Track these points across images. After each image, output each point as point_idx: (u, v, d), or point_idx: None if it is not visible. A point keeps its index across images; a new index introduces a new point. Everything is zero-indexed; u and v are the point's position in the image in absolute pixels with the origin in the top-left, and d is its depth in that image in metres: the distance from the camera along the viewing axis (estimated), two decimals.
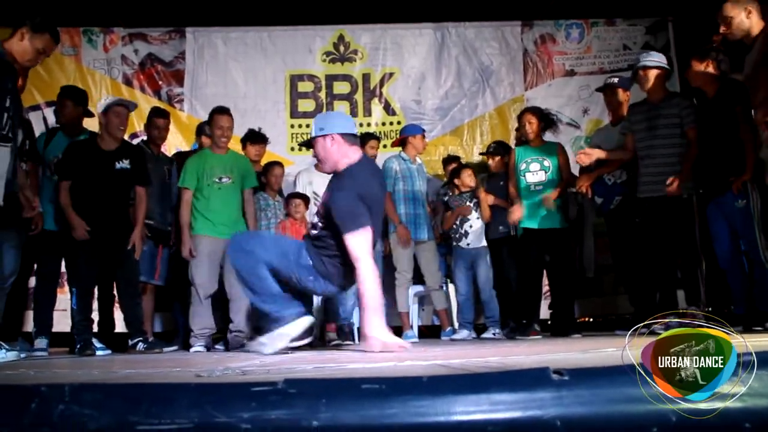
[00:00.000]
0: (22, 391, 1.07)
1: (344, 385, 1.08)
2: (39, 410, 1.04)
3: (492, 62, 7.59)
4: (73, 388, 1.05)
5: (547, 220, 5.44)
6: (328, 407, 1.02)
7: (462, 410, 1.04)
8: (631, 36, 7.63)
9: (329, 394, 1.04)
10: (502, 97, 7.58)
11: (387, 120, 7.47)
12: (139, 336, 4.98)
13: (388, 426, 1.01)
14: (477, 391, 1.06)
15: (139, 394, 1.05)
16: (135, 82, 7.27)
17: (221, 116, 5.28)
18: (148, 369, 2.33)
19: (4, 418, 1.03)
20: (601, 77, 6.98)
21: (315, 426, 1.00)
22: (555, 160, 5.53)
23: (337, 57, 7.52)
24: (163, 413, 1.02)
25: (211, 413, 1.01)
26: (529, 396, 1.06)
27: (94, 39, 7.26)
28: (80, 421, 1.02)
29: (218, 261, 5.10)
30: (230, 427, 1.01)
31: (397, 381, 1.08)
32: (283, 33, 7.52)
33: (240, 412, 1.01)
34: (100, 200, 4.87)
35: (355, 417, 1.02)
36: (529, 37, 7.65)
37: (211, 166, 5.19)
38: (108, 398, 1.04)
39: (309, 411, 1.02)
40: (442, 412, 1.03)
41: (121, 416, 1.03)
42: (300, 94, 7.45)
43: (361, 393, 1.05)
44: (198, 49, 7.35)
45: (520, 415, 1.04)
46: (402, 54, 7.58)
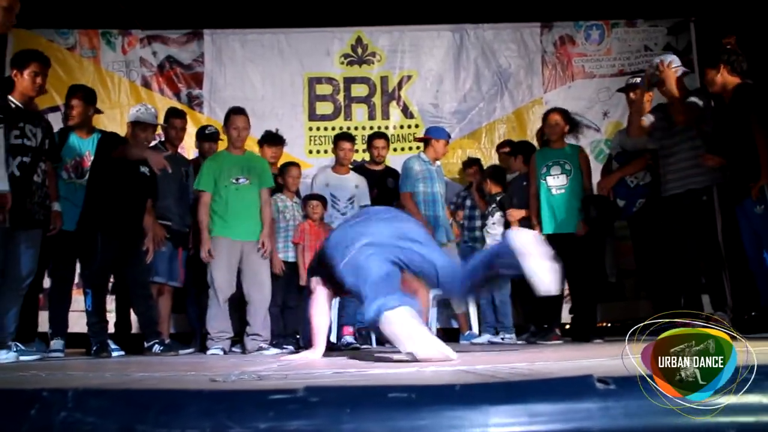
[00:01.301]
0: (22, 395, 1.00)
1: (370, 393, 1.00)
2: (39, 416, 0.97)
3: (510, 64, 7.50)
4: (76, 394, 0.98)
5: (568, 224, 5.34)
6: (353, 417, 0.94)
7: (498, 422, 0.95)
8: (652, 37, 7.50)
9: (354, 403, 0.96)
10: (521, 100, 7.49)
11: (405, 123, 7.40)
12: (154, 338, 4.93)
13: None
14: (514, 401, 0.97)
15: (146, 400, 0.98)
16: (154, 84, 7.26)
17: (237, 116, 5.26)
18: (163, 372, 2.26)
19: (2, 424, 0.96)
20: (621, 79, 6.87)
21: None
22: (577, 163, 5.43)
23: (355, 59, 7.46)
24: (172, 422, 0.94)
25: (224, 423, 0.93)
26: (572, 407, 0.97)
27: (113, 41, 7.26)
28: (83, 429, 0.95)
29: (236, 263, 5.05)
30: None
31: (427, 389, 0.99)
32: (301, 35, 7.47)
33: (256, 421, 0.93)
34: (123, 202, 4.86)
35: (382, 428, 0.93)
36: (548, 38, 7.55)
37: (228, 167, 5.15)
38: (114, 405, 0.97)
39: (332, 421, 0.94)
40: (477, 423, 0.94)
41: (128, 424, 0.95)
42: (318, 96, 7.40)
43: (388, 402, 0.96)
44: (216, 52, 7.33)
45: (563, 427, 0.96)
46: (420, 56, 7.51)
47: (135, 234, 4.97)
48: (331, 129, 7.15)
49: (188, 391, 1.02)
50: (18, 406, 0.98)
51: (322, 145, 7.15)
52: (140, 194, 5.03)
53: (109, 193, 4.82)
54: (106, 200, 4.81)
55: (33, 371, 2.46)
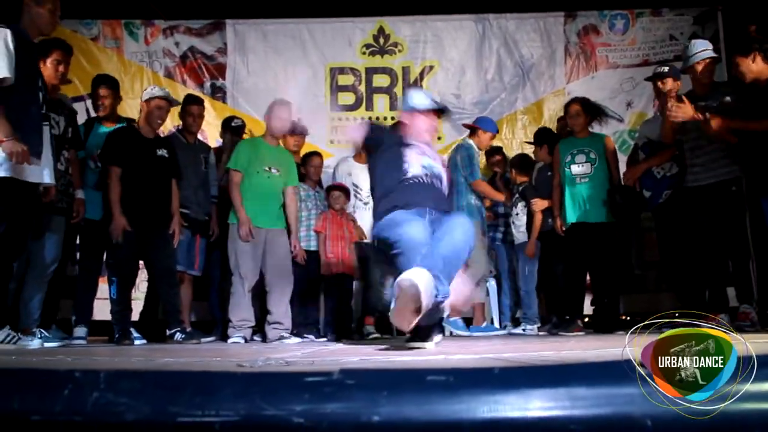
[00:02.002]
0: (55, 376, 0.99)
1: (407, 376, 0.98)
2: (72, 397, 0.96)
3: (533, 54, 7.44)
4: (108, 375, 0.97)
5: (593, 213, 5.29)
6: (390, 401, 0.92)
7: (540, 406, 0.93)
8: (678, 26, 7.39)
9: (391, 386, 0.94)
10: (543, 91, 7.43)
11: None
12: (176, 326, 4.93)
13: (457, 422, 0.91)
14: (556, 385, 0.95)
15: (180, 382, 0.97)
16: (177, 75, 7.29)
17: (282, 107, 5.25)
18: (188, 358, 2.26)
19: (34, 404, 0.96)
20: (645, 69, 6.79)
21: (376, 421, 0.90)
22: (601, 152, 5.38)
23: (377, 49, 7.43)
24: (206, 404, 0.93)
25: (259, 405, 0.92)
26: (615, 392, 0.95)
27: (136, 31, 7.29)
28: (116, 410, 0.94)
29: (261, 249, 5.05)
30: (281, 421, 0.91)
31: (466, 372, 0.97)
32: (323, 25, 7.46)
33: (292, 404, 0.92)
34: (143, 187, 4.85)
35: (420, 411, 0.91)
36: (572, 28, 7.47)
37: (263, 155, 5.15)
38: (146, 387, 0.96)
39: (369, 404, 0.92)
40: (518, 406, 0.93)
41: (161, 406, 0.94)
42: (340, 87, 7.39)
43: (427, 385, 0.94)
44: (238, 42, 7.34)
45: (606, 411, 0.93)
46: (442, 46, 7.47)
47: (161, 219, 4.95)
48: (353, 119, 7.14)
49: (222, 373, 1.01)
50: (50, 387, 0.97)
51: (344, 135, 7.13)
52: (161, 178, 4.99)
53: (128, 181, 4.82)
54: (125, 189, 4.81)
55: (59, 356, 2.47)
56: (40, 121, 3.82)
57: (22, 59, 3.65)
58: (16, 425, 0.94)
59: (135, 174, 4.83)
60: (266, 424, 0.91)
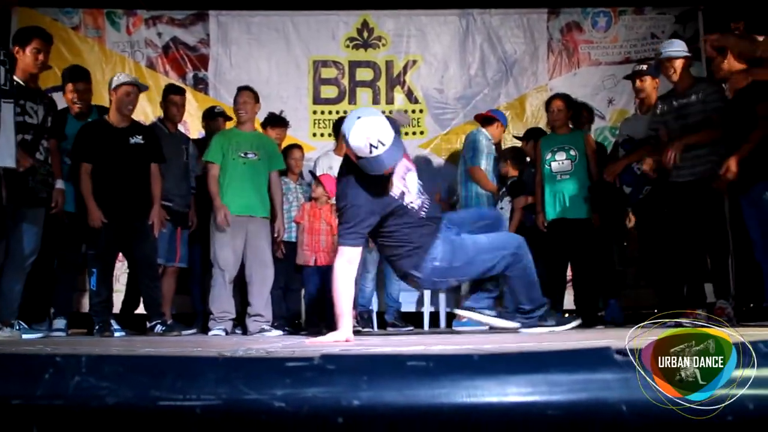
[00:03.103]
0: (36, 360, 0.99)
1: (388, 361, 0.99)
2: (53, 381, 0.96)
3: (516, 51, 7.46)
4: (90, 359, 0.97)
5: (573, 209, 5.33)
6: (371, 385, 0.93)
7: (518, 391, 0.95)
8: (660, 25, 7.44)
9: (371, 371, 0.95)
10: (525, 87, 7.45)
11: (409, 108, 7.36)
12: (157, 318, 4.92)
13: (437, 406, 0.92)
14: (534, 371, 0.96)
15: (162, 367, 0.97)
16: (159, 65, 7.22)
17: (244, 92, 5.33)
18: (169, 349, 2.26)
19: (16, 389, 0.96)
20: (627, 67, 6.82)
21: (356, 405, 0.91)
22: (582, 149, 5.42)
23: (361, 43, 7.42)
24: (188, 388, 0.94)
25: (241, 389, 0.93)
26: (592, 377, 0.97)
27: (117, 21, 7.21)
28: (97, 394, 0.94)
29: (242, 242, 5.03)
30: (262, 405, 0.92)
31: (446, 358, 0.98)
32: (307, 18, 7.42)
33: (273, 388, 0.93)
34: (118, 178, 4.82)
35: (400, 396, 0.93)
36: (555, 25, 7.50)
37: (237, 142, 5.15)
38: (128, 371, 0.96)
39: (349, 389, 0.93)
40: (497, 392, 0.94)
41: (142, 390, 0.95)
42: (323, 80, 7.37)
43: (407, 370, 0.96)
44: (221, 33, 7.28)
45: (582, 397, 0.95)
46: (426, 41, 7.47)
47: (140, 209, 4.92)
48: (335, 113, 7.13)
49: (204, 358, 1.01)
50: (31, 371, 0.97)
51: (326, 128, 7.12)
52: (137, 166, 4.96)
53: (101, 174, 4.79)
54: (99, 181, 4.78)
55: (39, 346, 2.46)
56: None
57: None
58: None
59: (108, 166, 4.81)
60: (248, 408, 0.92)
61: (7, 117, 3.80)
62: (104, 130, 4.91)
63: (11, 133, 3.82)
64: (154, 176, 5.05)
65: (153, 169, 5.05)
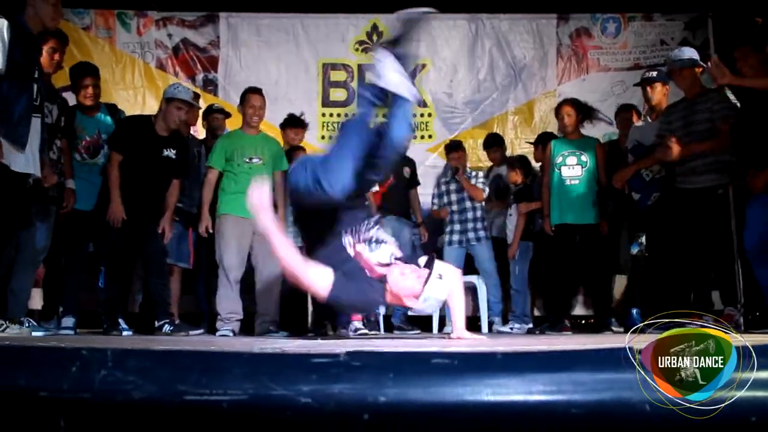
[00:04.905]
0: (62, 353, 1.00)
1: (413, 358, 0.99)
2: (79, 375, 0.97)
3: (525, 56, 7.48)
4: (115, 353, 0.98)
5: (581, 215, 5.32)
6: (396, 382, 0.94)
7: (542, 389, 0.95)
8: (669, 31, 7.46)
9: (397, 368, 0.96)
10: (534, 92, 7.48)
11: (418, 112, 7.36)
12: (165, 318, 4.93)
13: (461, 404, 0.93)
14: (558, 370, 0.97)
15: (188, 362, 0.98)
16: (169, 66, 7.26)
17: (253, 95, 5.28)
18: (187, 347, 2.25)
19: (43, 381, 0.97)
20: (636, 73, 6.83)
21: (382, 402, 0.92)
22: (592, 155, 5.41)
23: (370, 46, 7.43)
24: (214, 383, 0.94)
25: (267, 385, 0.93)
26: (616, 377, 0.97)
27: (128, 22, 7.26)
28: (124, 388, 0.95)
29: (248, 243, 5.03)
30: (288, 401, 0.93)
31: (470, 356, 0.99)
32: (316, 20, 7.45)
33: (299, 384, 0.93)
34: (139, 181, 4.84)
35: (425, 393, 0.93)
36: (565, 30, 7.52)
37: (242, 146, 5.15)
38: (155, 365, 0.97)
39: (375, 386, 0.93)
40: (521, 390, 0.95)
41: (169, 385, 0.96)
42: (332, 83, 7.40)
43: (432, 368, 0.96)
44: (231, 35, 7.32)
45: (607, 396, 0.96)
46: (435, 45, 7.49)
47: (154, 215, 4.95)
48: (344, 115, 7.14)
49: (231, 353, 1.02)
50: (58, 364, 0.98)
51: (335, 131, 7.13)
52: (161, 177, 4.99)
53: (128, 171, 4.81)
54: (124, 177, 4.80)
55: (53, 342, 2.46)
56: (30, 112, 3.80)
57: (18, 50, 3.64)
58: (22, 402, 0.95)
59: (134, 167, 4.83)
60: (274, 403, 0.93)
61: (34, 131, 3.84)
62: (145, 131, 4.93)
63: (36, 146, 3.87)
64: (173, 188, 5.08)
65: (174, 182, 5.09)
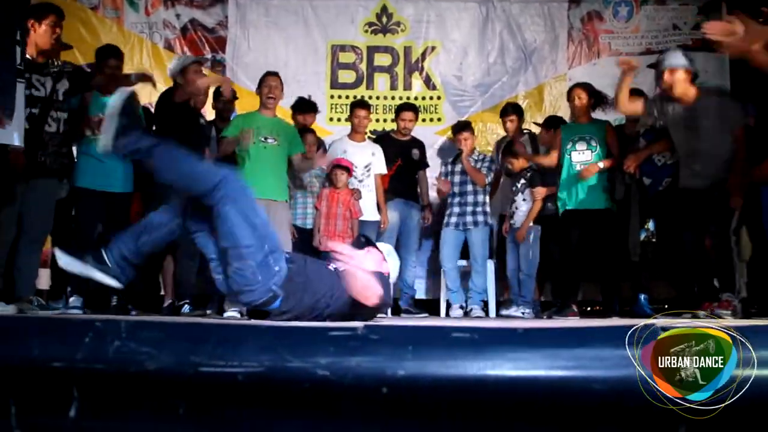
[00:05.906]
0: (75, 324, 0.99)
1: (432, 332, 0.98)
2: (93, 345, 0.95)
3: (536, 39, 7.42)
4: (129, 325, 0.96)
5: (591, 200, 5.28)
6: (415, 355, 0.92)
7: (564, 364, 0.94)
8: (682, 16, 7.37)
9: (416, 341, 0.94)
10: (544, 75, 7.42)
11: (427, 94, 7.34)
12: (186, 298, 4.93)
13: (481, 378, 0.91)
14: (581, 345, 0.95)
15: (203, 333, 0.97)
16: (177, 47, 7.23)
17: (271, 77, 5.31)
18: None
19: (57, 352, 0.95)
20: (648, 58, 6.72)
21: (401, 375, 0.91)
22: (603, 139, 5.37)
23: (380, 28, 7.39)
24: (229, 355, 0.93)
25: (284, 357, 0.92)
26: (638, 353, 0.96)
27: (136, 2, 7.23)
28: (138, 359, 0.93)
29: None
30: (305, 373, 0.91)
31: (491, 331, 0.97)
32: (326, 2, 7.40)
33: (317, 357, 0.92)
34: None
35: (445, 367, 0.92)
36: (576, 14, 7.45)
37: (258, 126, 5.14)
38: (168, 337, 0.96)
39: (393, 359, 0.92)
40: (542, 365, 0.93)
41: (183, 356, 0.94)
42: (341, 64, 7.36)
43: (452, 341, 0.94)
44: (240, 16, 7.28)
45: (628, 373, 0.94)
46: (445, 28, 7.44)
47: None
48: (353, 97, 7.09)
49: (246, 325, 1.01)
50: (71, 335, 0.97)
51: (343, 113, 7.09)
52: (199, 148, 4.97)
53: None
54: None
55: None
56: (14, 80, 3.75)
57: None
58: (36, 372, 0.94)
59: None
60: (291, 375, 0.91)
61: (18, 96, 3.79)
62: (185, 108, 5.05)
63: (21, 112, 3.81)
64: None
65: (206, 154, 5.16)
